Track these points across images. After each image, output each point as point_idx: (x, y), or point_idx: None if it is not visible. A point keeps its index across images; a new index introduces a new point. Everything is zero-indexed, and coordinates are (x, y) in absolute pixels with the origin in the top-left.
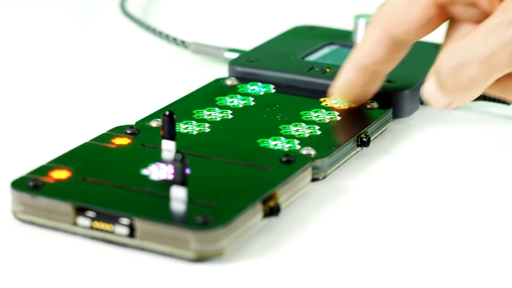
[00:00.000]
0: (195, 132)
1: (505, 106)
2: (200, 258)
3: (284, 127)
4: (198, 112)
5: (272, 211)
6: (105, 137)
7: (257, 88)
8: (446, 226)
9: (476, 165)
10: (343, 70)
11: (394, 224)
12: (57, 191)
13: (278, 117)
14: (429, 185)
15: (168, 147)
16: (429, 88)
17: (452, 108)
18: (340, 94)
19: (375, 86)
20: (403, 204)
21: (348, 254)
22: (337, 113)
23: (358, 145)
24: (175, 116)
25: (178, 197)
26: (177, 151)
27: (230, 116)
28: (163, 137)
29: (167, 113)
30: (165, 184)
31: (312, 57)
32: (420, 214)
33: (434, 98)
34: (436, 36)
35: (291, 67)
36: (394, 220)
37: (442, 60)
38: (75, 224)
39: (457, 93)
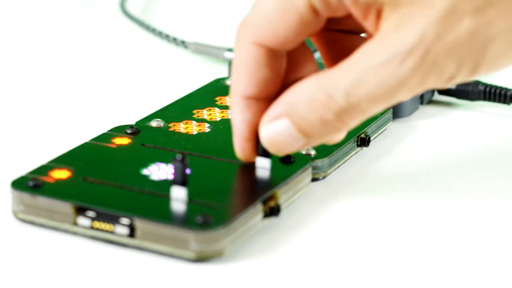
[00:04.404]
0: (195, 132)
1: (505, 106)
2: (200, 258)
3: None
4: (198, 112)
5: (272, 211)
6: (105, 137)
7: None
8: (446, 226)
9: (476, 165)
10: (233, 119)
11: (394, 224)
12: (57, 191)
13: None
14: (429, 185)
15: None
16: (279, 131)
17: (304, 148)
18: (246, 147)
19: None
20: (403, 204)
21: (348, 254)
22: None
23: (358, 145)
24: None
25: (178, 197)
26: (177, 151)
27: (230, 116)
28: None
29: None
30: (165, 184)
31: None
32: (419, 214)
33: (287, 142)
34: None
35: None
36: (394, 220)
37: (316, 96)
38: (75, 224)
39: (324, 135)
